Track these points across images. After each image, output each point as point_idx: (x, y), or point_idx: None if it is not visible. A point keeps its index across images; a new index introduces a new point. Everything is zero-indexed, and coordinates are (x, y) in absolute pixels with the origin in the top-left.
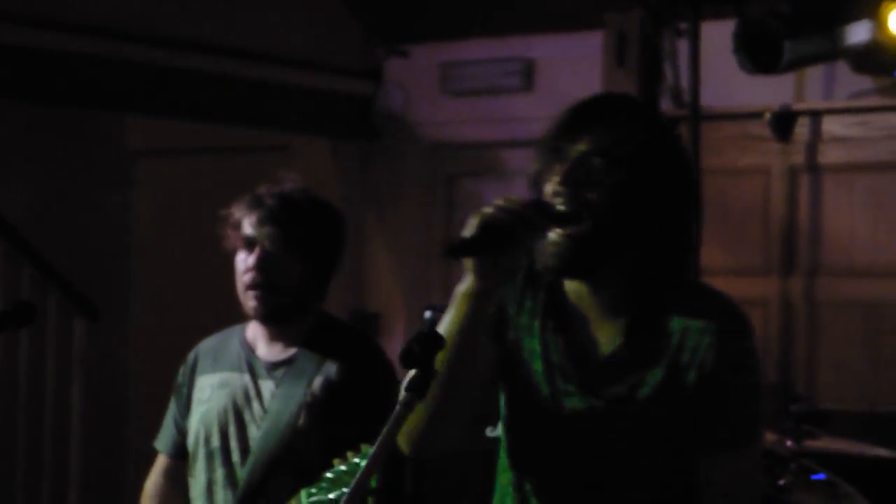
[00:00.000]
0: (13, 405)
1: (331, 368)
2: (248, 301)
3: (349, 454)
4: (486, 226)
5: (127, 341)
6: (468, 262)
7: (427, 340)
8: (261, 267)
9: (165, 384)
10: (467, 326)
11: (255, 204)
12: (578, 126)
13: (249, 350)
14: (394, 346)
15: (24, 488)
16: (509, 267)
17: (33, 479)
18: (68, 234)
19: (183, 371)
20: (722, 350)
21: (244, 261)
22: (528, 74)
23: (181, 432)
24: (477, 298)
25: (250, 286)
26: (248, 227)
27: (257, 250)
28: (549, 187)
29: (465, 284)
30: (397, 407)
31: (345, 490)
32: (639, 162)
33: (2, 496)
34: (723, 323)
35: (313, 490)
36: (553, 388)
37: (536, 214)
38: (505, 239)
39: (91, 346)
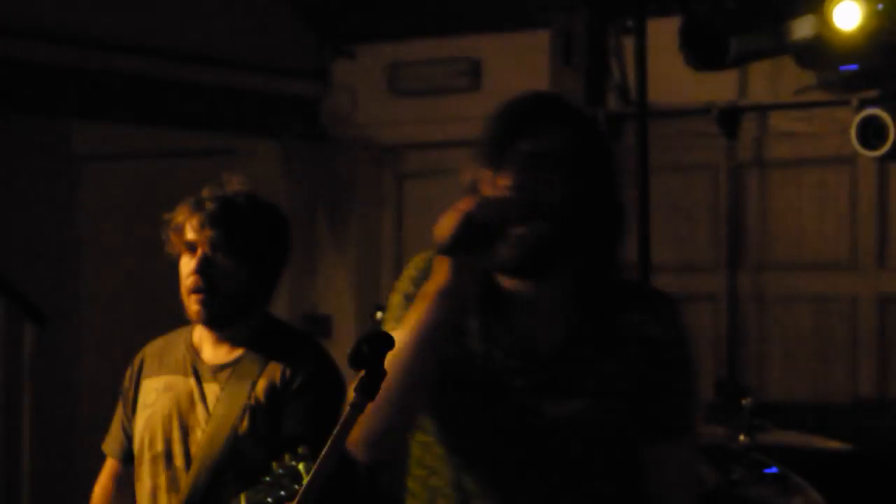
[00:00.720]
0: None
1: (275, 371)
2: (192, 305)
3: (287, 457)
4: (472, 223)
5: (76, 345)
6: (444, 261)
7: (376, 341)
8: (202, 271)
9: (114, 388)
10: (438, 324)
11: (197, 207)
12: (520, 127)
13: (195, 353)
14: (345, 348)
15: None
16: (485, 264)
17: None
18: (14, 240)
19: (129, 374)
20: (662, 344)
21: (187, 265)
22: (475, 74)
23: (128, 436)
24: (453, 296)
25: (193, 290)
26: (190, 231)
27: (199, 254)
28: (494, 188)
29: (440, 282)
30: (347, 409)
31: (282, 493)
32: (584, 163)
33: None
34: (663, 318)
35: (251, 493)
36: (498, 385)
37: (516, 212)
38: (489, 236)
39: (40, 350)
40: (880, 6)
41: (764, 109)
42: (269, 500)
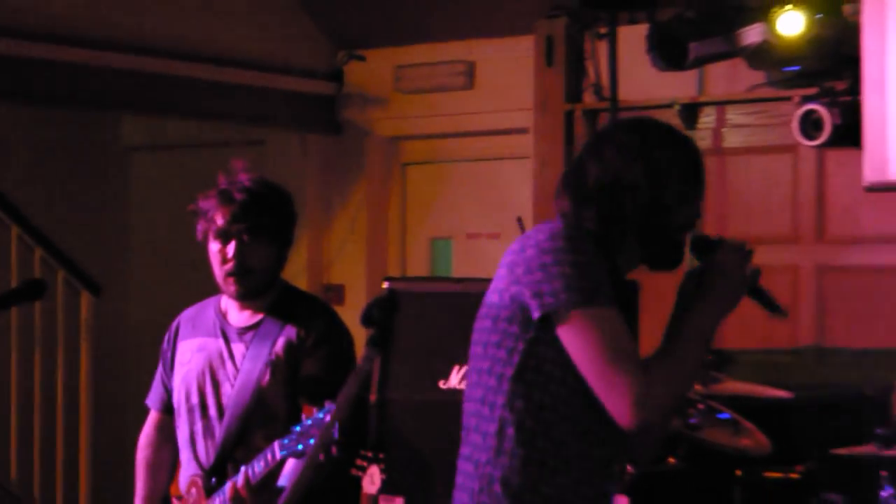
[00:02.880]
0: (29, 368)
1: (291, 331)
2: (229, 286)
3: (314, 409)
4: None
5: (125, 312)
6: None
7: (385, 304)
8: (238, 257)
9: (157, 349)
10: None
11: (226, 200)
12: None
13: (223, 318)
14: (356, 311)
15: (41, 441)
16: None
17: (49, 431)
18: (74, 221)
19: (167, 338)
20: None
21: (220, 251)
22: (469, 75)
23: (168, 391)
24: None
25: (230, 273)
26: (220, 220)
27: (233, 242)
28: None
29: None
30: (361, 361)
31: (310, 441)
32: None
33: (22, 446)
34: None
35: (284, 442)
36: None
37: None
38: None
39: (95, 316)
40: (819, 16)
41: (719, 104)
42: (300, 447)
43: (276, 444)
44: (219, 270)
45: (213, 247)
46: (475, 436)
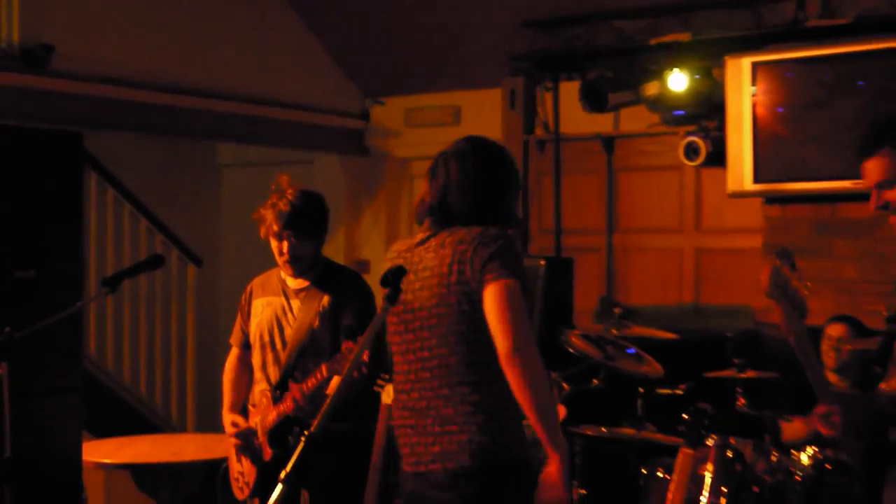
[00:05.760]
0: (152, 319)
1: (333, 291)
2: (286, 269)
3: (350, 343)
4: None
5: (218, 280)
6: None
7: (396, 272)
8: (290, 251)
9: (237, 305)
10: None
11: (278, 212)
12: None
13: (283, 283)
14: (377, 278)
15: (162, 383)
16: None
17: (164, 377)
18: (182, 215)
19: (245, 297)
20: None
21: (277, 247)
22: (457, 115)
23: (245, 333)
24: None
25: (286, 262)
26: (275, 225)
27: (286, 242)
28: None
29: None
30: (379, 311)
31: (345, 363)
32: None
33: (147, 388)
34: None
35: (329, 363)
36: None
37: None
38: None
39: (198, 283)
40: (696, 76)
41: (629, 137)
42: (337, 367)
43: (323, 366)
44: (278, 259)
45: (273, 243)
46: None
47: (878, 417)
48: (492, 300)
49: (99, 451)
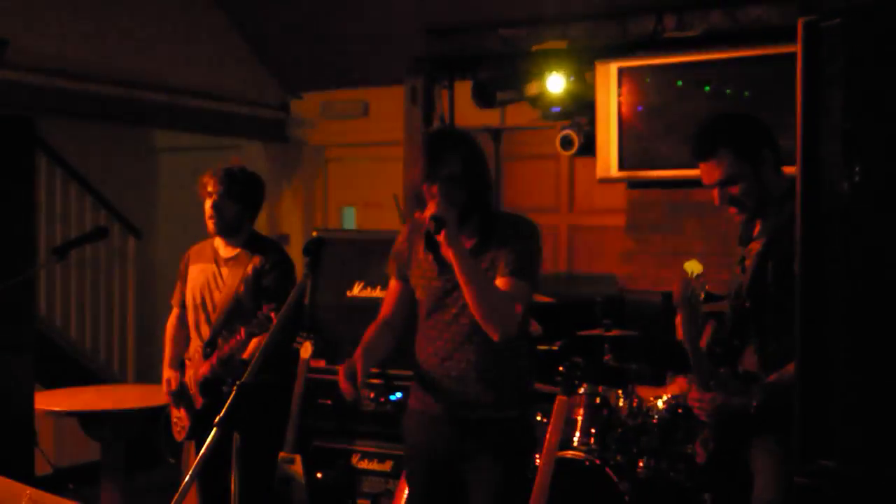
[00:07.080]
0: (97, 285)
1: (256, 260)
2: (210, 225)
3: (266, 308)
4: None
5: (155, 250)
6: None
7: (315, 244)
8: (213, 206)
9: (176, 271)
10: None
11: (213, 174)
12: (437, 158)
13: (216, 251)
14: (298, 248)
15: (105, 340)
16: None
17: (107, 334)
18: (122, 192)
19: (183, 263)
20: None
21: (208, 206)
22: (366, 109)
23: (183, 294)
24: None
25: (209, 217)
26: (209, 186)
27: (211, 199)
28: (430, 194)
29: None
30: (300, 278)
31: (264, 327)
32: (470, 174)
33: (92, 344)
34: (520, 227)
35: (248, 327)
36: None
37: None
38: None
39: (137, 252)
40: (571, 79)
41: (514, 130)
42: (256, 330)
43: (242, 329)
44: (206, 215)
45: (205, 202)
46: None
47: (749, 418)
48: None
49: (49, 401)
